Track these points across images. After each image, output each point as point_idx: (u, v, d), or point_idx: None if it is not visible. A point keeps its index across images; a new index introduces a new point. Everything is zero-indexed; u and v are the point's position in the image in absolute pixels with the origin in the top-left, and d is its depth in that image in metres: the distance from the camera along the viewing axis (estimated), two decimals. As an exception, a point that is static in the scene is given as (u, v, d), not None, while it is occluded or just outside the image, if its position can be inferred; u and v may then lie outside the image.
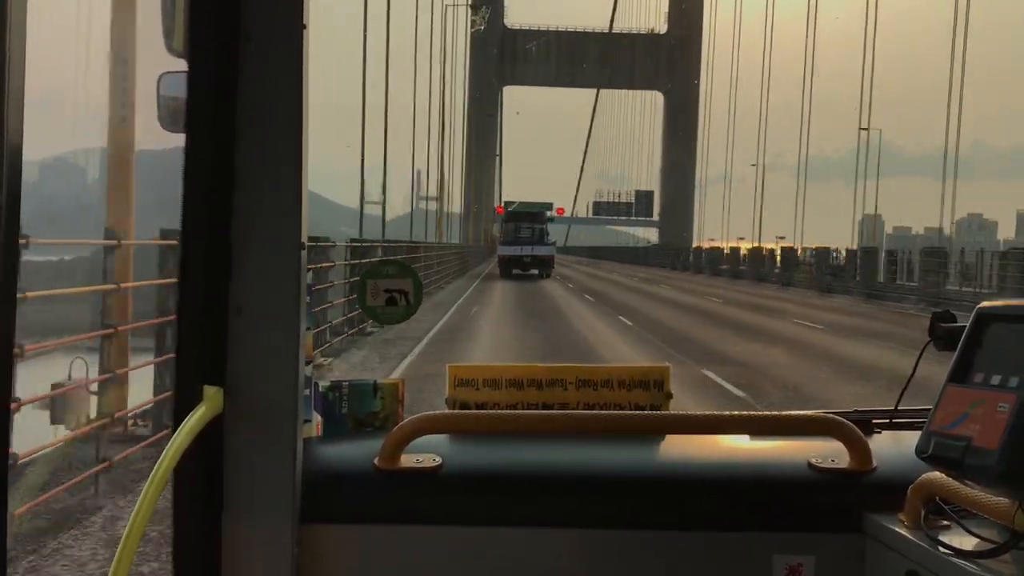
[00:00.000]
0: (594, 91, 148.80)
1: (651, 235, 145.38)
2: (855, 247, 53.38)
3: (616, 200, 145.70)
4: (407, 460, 1.95)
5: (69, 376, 8.20)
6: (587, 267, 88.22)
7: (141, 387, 10.22)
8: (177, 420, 1.70)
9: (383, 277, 2.18)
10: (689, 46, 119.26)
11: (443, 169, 64.32)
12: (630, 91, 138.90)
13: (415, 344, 19.40)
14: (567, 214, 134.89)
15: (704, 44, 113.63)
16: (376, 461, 1.95)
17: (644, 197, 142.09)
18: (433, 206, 60.61)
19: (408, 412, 2.12)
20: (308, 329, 1.90)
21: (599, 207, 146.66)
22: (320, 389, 2.11)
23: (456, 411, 2.19)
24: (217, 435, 1.78)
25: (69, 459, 8.38)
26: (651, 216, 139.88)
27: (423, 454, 1.97)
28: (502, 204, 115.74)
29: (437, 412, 2.06)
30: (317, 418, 2.09)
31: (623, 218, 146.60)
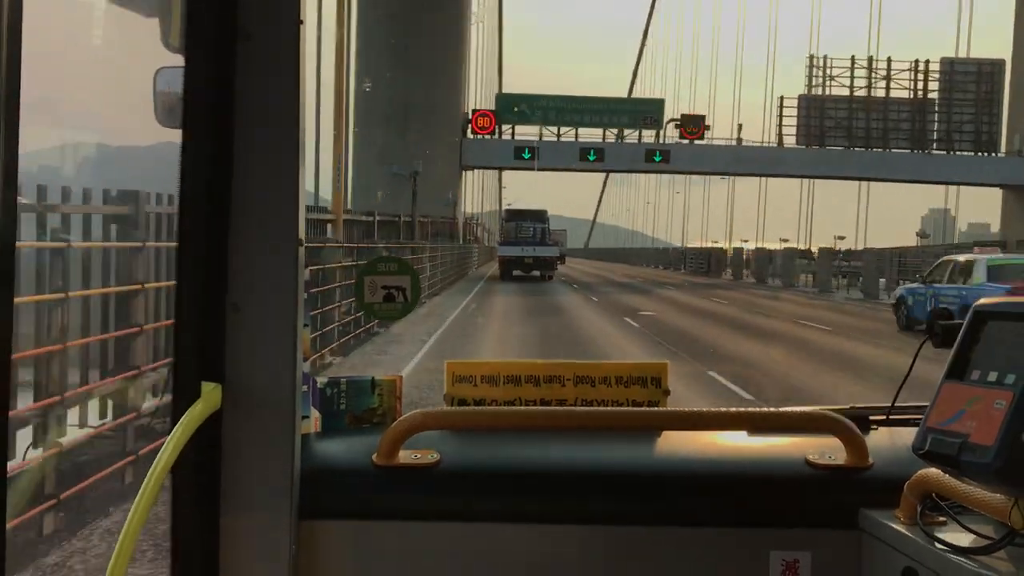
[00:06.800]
0: None
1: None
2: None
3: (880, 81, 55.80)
4: (405, 456, 1.95)
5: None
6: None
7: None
8: (175, 416, 1.70)
9: (381, 274, 2.18)
10: None
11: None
12: None
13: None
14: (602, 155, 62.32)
15: None
16: (374, 457, 1.95)
17: (985, 78, 58.80)
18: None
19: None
20: (306, 326, 1.90)
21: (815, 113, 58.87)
22: (318, 385, 2.11)
23: (454, 407, 2.19)
24: (215, 431, 1.78)
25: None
26: (996, 150, 60.32)
27: (421, 450, 1.97)
28: (494, 109, 61.66)
29: (435, 408, 2.06)
30: (315, 414, 2.09)
31: (917, 153, 59.44)
